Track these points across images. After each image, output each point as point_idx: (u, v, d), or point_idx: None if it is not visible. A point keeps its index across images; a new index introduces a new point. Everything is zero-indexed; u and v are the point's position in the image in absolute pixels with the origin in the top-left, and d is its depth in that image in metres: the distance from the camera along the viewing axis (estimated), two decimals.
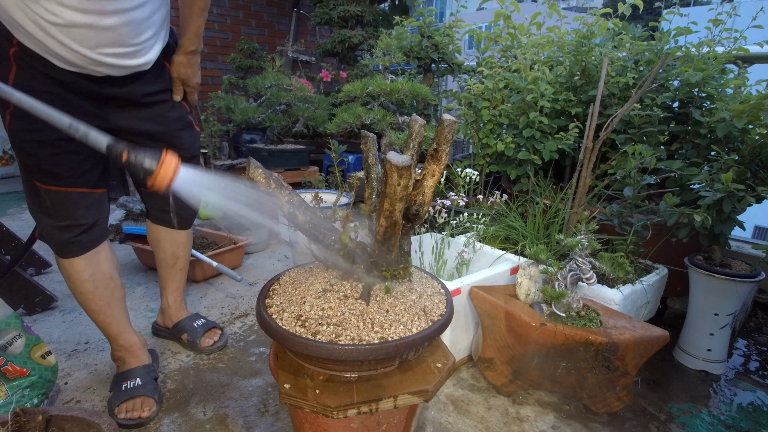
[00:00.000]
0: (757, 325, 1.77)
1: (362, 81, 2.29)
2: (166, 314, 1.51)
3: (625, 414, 1.23)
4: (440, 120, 0.76)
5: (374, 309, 0.82)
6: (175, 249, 1.44)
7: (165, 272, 1.47)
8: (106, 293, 1.21)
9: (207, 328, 1.50)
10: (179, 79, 1.23)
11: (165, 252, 1.43)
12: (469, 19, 2.82)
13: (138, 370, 1.25)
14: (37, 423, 0.78)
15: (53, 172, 1.06)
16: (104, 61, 1.01)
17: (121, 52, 1.02)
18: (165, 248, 1.43)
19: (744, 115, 1.48)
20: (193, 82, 1.26)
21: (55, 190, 1.07)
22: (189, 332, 1.47)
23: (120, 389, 1.20)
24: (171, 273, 1.47)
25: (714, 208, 1.35)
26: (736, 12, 1.74)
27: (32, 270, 1.99)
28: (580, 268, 1.20)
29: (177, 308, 1.51)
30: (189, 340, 1.46)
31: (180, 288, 1.52)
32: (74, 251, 1.14)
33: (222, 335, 1.52)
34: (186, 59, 1.21)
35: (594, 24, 2.00)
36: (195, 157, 1.34)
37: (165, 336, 1.55)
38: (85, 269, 1.15)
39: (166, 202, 1.35)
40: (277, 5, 4.52)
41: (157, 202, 1.36)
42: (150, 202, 1.37)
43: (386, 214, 0.76)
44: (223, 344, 1.51)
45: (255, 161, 0.82)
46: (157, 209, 1.37)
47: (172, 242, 1.43)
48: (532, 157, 1.91)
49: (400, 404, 0.77)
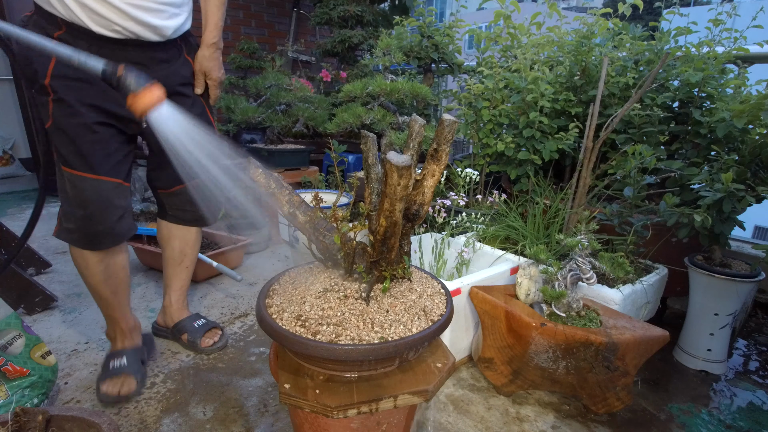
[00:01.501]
0: (757, 325, 1.77)
1: (362, 81, 2.29)
2: (168, 313, 1.52)
3: (625, 414, 1.23)
4: (440, 120, 0.76)
5: (374, 309, 0.82)
6: (184, 246, 1.47)
7: (171, 270, 1.49)
8: (115, 282, 1.27)
9: (207, 329, 1.51)
10: (202, 72, 1.30)
11: (174, 249, 1.46)
12: (469, 19, 2.82)
13: (127, 351, 1.32)
14: (37, 423, 0.78)
15: (89, 161, 1.12)
16: (131, 14, 1.08)
17: (147, 5, 1.10)
18: (174, 245, 1.46)
19: (744, 115, 1.48)
20: (216, 75, 1.32)
21: (92, 178, 1.13)
22: (189, 332, 1.48)
23: (108, 368, 1.28)
24: (177, 271, 1.49)
25: (714, 208, 1.35)
26: (736, 12, 1.74)
27: (32, 270, 1.99)
28: (580, 268, 1.20)
29: (179, 307, 1.52)
30: (189, 341, 1.47)
31: (184, 287, 1.54)
32: (105, 243, 1.19)
33: (222, 336, 1.52)
34: (208, 52, 1.29)
35: (594, 24, 2.00)
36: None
37: (165, 336, 1.55)
38: (102, 260, 1.21)
39: (187, 201, 1.39)
40: (277, 5, 4.52)
41: (177, 201, 1.40)
42: (169, 201, 1.41)
43: (386, 214, 0.76)
44: (224, 345, 1.51)
45: (255, 161, 0.83)
46: (176, 208, 1.41)
47: (183, 240, 1.46)
48: (532, 157, 1.91)
49: (400, 404, 0.77)
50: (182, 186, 1.37)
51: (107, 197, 1.15)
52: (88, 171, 1.13)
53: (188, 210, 1.41)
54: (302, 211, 0.88)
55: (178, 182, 1.36)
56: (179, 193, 1.38)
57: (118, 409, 1.20)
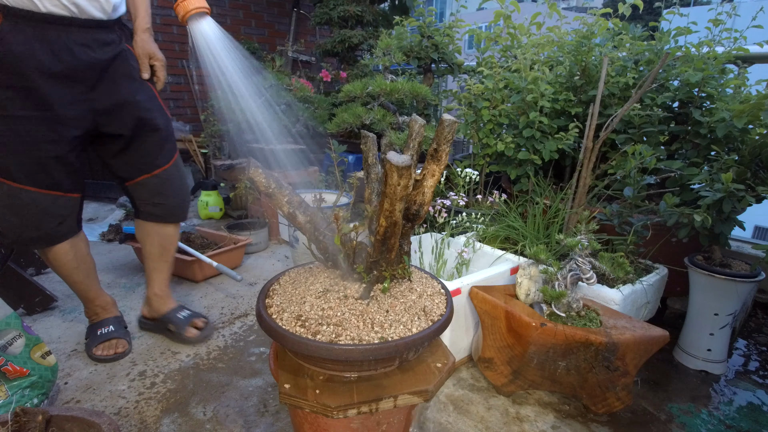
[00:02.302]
0: (757, 325, 1.77)
1: (362, 81, 2.29)
2: (153, 304, 1.55)
3: (625, 414, 1.23)
4: (440, 120, 0.76)
5: (374, 309, 0.82)
6: (163, 241, 1.50)
7: (152, 264, 1.53)
8: (85, 266, 1.40)
9: (191, 319, 1.53)
10: (146, 55, 1.33)
11: (153, 246, 1.50)
12: (469, 19, 2.82)
13: (110, 320, 1.47)
14: (37, 423, 0.78)
15: (31, 174, 1.19)
16: None
17: None
18: (154, 242, 1.49)
19: (744, 115, 1.48)
20: (160, 56, 1.36)
21: (31, 190, 1.20)
22: (175, 323, 1.51)
23: (96, 334, 1.42)
24: (158, 264, 1.53)
25: (714, 208, 1.35)
26: (736, 12, 1.74)
27: (32, 270, 1.99)
28: (580, 268, 1.20)
29: (164, 297, 1.55)
30: (175, 331, 1.50)
31: (167, 279, 1.57)
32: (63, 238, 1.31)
33: (208, 326, 1.55)
34: (146, 36, 1.33)
35: (594, 24, 2.00)
36: (169, 136, 1.42)
37: (150, 329, 1.58)
38: (69, 251, 1.34)
39: (155, 192, 1.42)
40: (277, 5, 4.52)
41: (144, 193, 1.42)
42: (137, 194, 1.43)
43: (386, 214, 0.76)
44: (209, 334, 1.54)
45: (255, 161, 0.83)
46: (145, 202, 1.43)
47: (161, 236, 1.49)
48: (532, 157, 1.91)
49: (400, 404, 0.77)
50: (147, 176, 1.39)
51: (45, 208, 1.23)
52: (29, 184, 1.19)
53: (158, 204, 1.43)
54: (302, 211, 0.88)
55: (142, 172, 1.38)
56: (145, 184, 1.40)
57: (118, 409, 1.20)
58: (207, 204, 2.97)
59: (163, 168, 1.40)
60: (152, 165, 1.38)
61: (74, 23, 1.16)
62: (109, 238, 2.53)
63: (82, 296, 1.45)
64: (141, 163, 1.37)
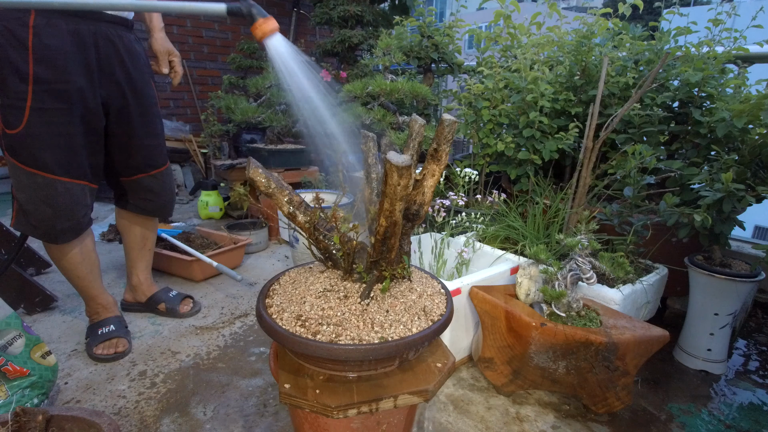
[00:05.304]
0: (757, 325, 1.77)
1: (362, 81, 2.29)
2: (138, 291, 1.65)
3: (625, 414, 1.23)
4: (440, 120, 0.76)
5: (374, 309, 0.82)
6: (145, 231, 1.60)
7: (135, 254, 1.61)
8: (90, 261, 1.42)
9: (182, 298, 1.69)
10: (166, 52, 1.43)
11: (136, 236, 1.59)
12: (469, 19, 2.82)
13: (111, 319, 1.48)
14: (37, 423, 0.78)
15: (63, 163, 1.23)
16: None
17: None
18: (136, 232, 1.58)
19: (744, 114, 1.48)
20: (176, 53, 1.46)
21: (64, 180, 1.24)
22: (166, 301, 1.65)
23: (97, 334, 1.43)
24: (141, 254, 1.62)
25: (714, 208, 1.35)
26: (736, 12, 1.74)
27: (32, 270, 1.99)
28: (580, 267, 1.20)
29: (148, 284, 1.67)
30: (168, 308, 1.64)
31: (149, 266, 1.69)
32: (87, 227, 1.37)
33: (195, 303, 1.72)
34: (163, 35, 1.44)
35: (594, 24, 1.99)
36: (164, 141, 1.51)
37: (137, 310, 1.69)
38: (75, 246, 1.37)
39: (149, 190, 1.50)
40: (277, 5, 4.52)
41: (139, 190, 1.50)
42: (131, 189, 1.50)
43: (386, 214, 0.76)
44: (198, 310, 1.72)
45: (255, 161, 0.83)
46: (138, 197, 1.51)
47: (144, 226, 1.59)
48: (532, 157, 1.91)
49: (400, 404, 0.77)
50: (144, 174, 1.47)
51: (77, 198, 1.28)
52: (63, 175, 1.24)
53: (150, 200, 1.52)
54: (302, 211, 0.88)
55: (140, 171, 1.47)
56: (140, 182, 1.48)
57: (118, 409, 1.20)
58: (207, 204, 2.97)
59: (159, 170, 1.50)
60: (151, 166, 1.48)
61: (103, 18, 1.24)
62: (109, 237, 2.53)
63: (85, 293, 1.46)
64: (142, 164, 1.47)
